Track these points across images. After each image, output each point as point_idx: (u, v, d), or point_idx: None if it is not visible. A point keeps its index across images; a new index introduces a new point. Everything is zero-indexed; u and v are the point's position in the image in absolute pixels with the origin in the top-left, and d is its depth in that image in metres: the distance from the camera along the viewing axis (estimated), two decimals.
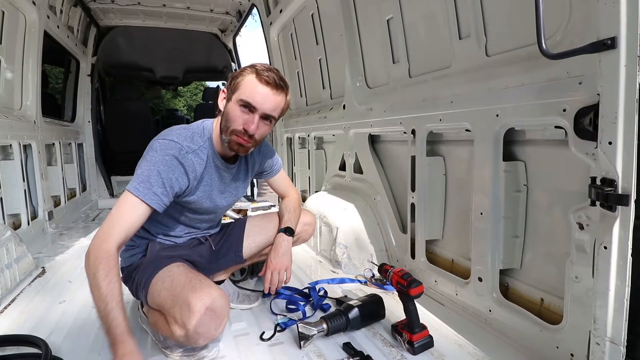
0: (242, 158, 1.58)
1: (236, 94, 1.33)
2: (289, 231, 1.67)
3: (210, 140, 1.42)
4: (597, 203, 1.02)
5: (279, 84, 1.33)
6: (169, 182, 1.27)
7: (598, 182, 1.02)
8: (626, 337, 0.99)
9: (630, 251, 0.96)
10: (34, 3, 2.93)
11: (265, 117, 1.35)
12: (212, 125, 1.45)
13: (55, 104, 4.63)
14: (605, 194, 0.98)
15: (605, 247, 1.02)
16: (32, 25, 3.00)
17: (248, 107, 1.31)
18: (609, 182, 0.98)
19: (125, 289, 1.55)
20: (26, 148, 2.90)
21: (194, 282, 1.24)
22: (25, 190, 2.73)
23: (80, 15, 4.20)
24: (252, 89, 1.31)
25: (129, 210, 1.22)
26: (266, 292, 1.59)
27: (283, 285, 1.62)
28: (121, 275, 1.54)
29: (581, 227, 1.15)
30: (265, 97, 1.31)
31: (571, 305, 1.20)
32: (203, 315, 1.16)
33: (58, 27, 3.56)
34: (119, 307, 1.09)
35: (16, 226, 2.63)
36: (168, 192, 1.28)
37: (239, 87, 1.33)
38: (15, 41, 2.88)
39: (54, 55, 4.07)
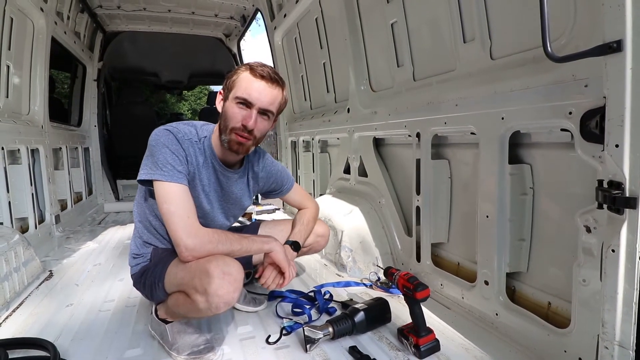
0: (246, 170, 1.58)
1: (232, 92, 1.35)
2: (295, 245, 1.64)
3: (209, 140, 1.44)
4: (605, 206, 1.02)
5: (274, 78, 1.35)
6: (183, 158, 1.33)
7: (605, 185, 1.02)
8: (635, 341, 0.98)
9: (638, 254, 0.96)
10: (42, 10, 2.98)
11: (263, 112, 1.36)
12: (213, 128, 1.47)
13: (62, 109, 4.68)
14: (613, 197, 0.98)
15: (613, 250, 1.01)
16: (40, 32, 3.05)
17: (245, 103, 1.33)
18: (616, 185, 0.98)
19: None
20: (34, 152, 2.94)
21: (208, 257, 1.27)
22: (32, 194, 2.76)
23: (87, 21, 4.25)
24: (248, 84, 1.33)
25: (176, 196, 1.28)
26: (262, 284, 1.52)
27: (279, 289, 1.55)
28: (132, 282, 1.57)
29: (588, 230, 1.14)
30: (261, 91, 1.33)
31: (579, 309, 1.19)
32: (222, 279, 1.20)
33: (65, 33, 3.61)
34: (241, 236, 1.38)
35: (24, 230, 2.65)
36: (186, 168, 1.34)
37: (234, 85, 1.35)
38: (23, 47, 2.92)
39: (61, 60, 4.12)
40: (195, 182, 1.41)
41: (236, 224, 2.32)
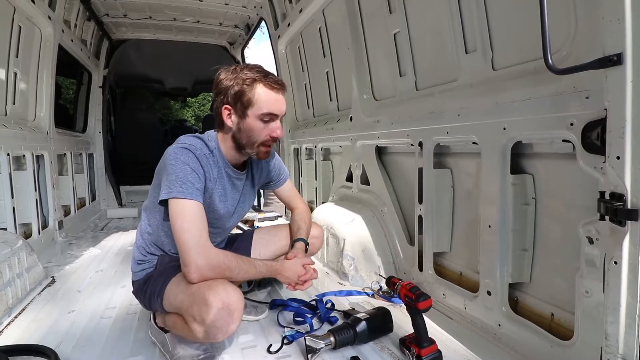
0: (250, 167, 1.59)
1: (253, 109, 1.35)
2: (304, 242, 1.67)
3: (219, 150, 1.45)
4: (607, 217, 1.02)
5: (284, 85, 1.40)
6: (202, 176, 1.34)
7: (607, 197, 1.02)
8: (638, 354, 0.97)
9: None
10: (49, 18, 3.02)
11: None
12: (216, 137, 1.47)
13: (67, 115, 4.73)
14: (615, 209, 0.98)
15: (615, 262, 1.01)
16: (47, 39, 3.10)
17: (271, 117, 1.38)
18: (618, 197, 0.98)
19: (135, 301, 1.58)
20: (39, 158, 2.97)
21: (209, 281, 1.26)
22: (36, 200, 2.78)
23: (94, 29, 4.32)
24: (269, 99, 1.36)
25: (192, 214, 1.28)
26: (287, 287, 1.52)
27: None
28: (132, 289, 1.57)
29: (591, 241, 1.14)
30: (281, 102, 1.40)
31: (582, 321, 1.19)
32: (220, 309, 1.18)
33: (72, 40, 3.66)
34: (253, 260, 1.40)
35: (27, 235, 2.67)
36: (203, 186, 1.35)
37: (253, 102, 1.34)
38: (30, 54, 2.96)
39: (67, 67, 4.17)
40: (213, 197, 1.43)
41: (237, 231, 2.33)
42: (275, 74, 1.52)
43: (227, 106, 1.38)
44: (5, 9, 2.54)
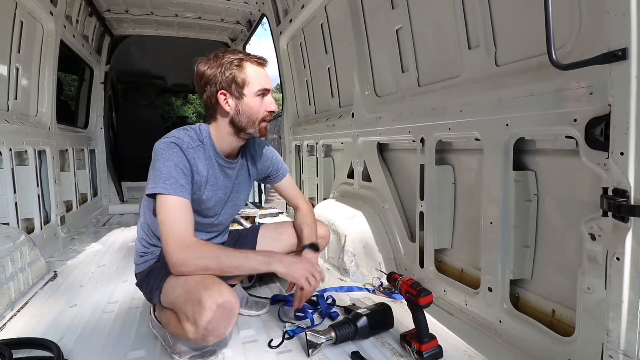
0: (244, 157, 1.60)
1: (248, 88, 1.40)
2: (314, 247, 1.65)
3: (210, 139, 1.46)
4: (609, 214, 1.02)
5: (265, 59, 1.46)
6: (187, 170, 1.35)
7: (610, 193, 1.02)
8: None
9: None
10: (51, 13, 3.02)
11: None
12: (208, 128, 1.48)
13: (69, 111, 4.74)
14: (617, 205, 0.98)
15: (617, 259, 1.01)
16: (49, 35, 3.09)
17: (264, 92, 1.43)
18: (621, 193, 0.98)
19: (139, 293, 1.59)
20: (41, 154, 2.97)
21: (206, 281, 1.26)
22: (39, 195, 2.79)
23: (95, 24, 4.31)
24: (259, 75, 1.42)
25: (173, 209, 1.28)
26: (295, 307, 1.56)
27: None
28: (135, 280, 1.57)
29: (593, 237, 1.14)
30: (268, 77, 1.47)
31: (583, 317, 1.18)
32: (214, 311, 1.18)
33: (74, 36, 3.66)
34: (234, 253, 1.34)
35: (29, 230, 2.68)
36: (189, 180, 1.35)
37: (247, 82, 1.39)
38: (32, 50, 2.96)
39: (69, 63, 4.17)
40: (203, 188, 1.43)
41: (238, 227, 2.33)
42: (277, 70, 1.57)
43: (223, 91, 1.40)
44: (6, 4, 2.53)
